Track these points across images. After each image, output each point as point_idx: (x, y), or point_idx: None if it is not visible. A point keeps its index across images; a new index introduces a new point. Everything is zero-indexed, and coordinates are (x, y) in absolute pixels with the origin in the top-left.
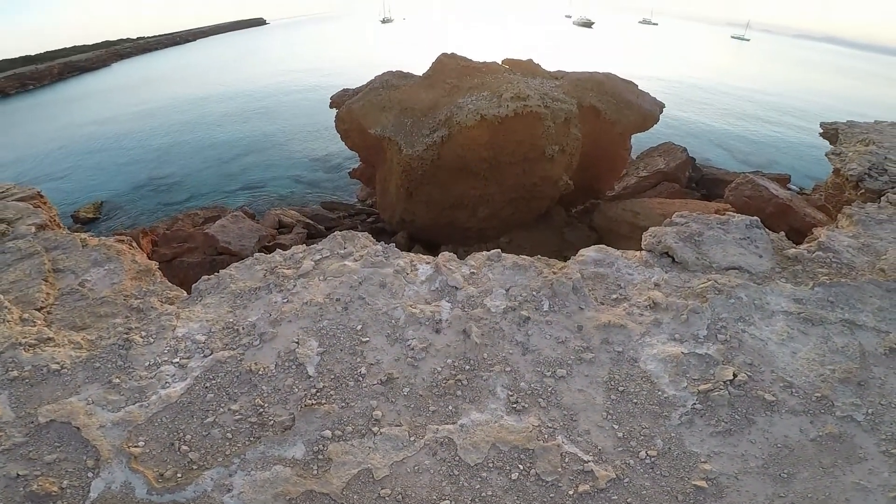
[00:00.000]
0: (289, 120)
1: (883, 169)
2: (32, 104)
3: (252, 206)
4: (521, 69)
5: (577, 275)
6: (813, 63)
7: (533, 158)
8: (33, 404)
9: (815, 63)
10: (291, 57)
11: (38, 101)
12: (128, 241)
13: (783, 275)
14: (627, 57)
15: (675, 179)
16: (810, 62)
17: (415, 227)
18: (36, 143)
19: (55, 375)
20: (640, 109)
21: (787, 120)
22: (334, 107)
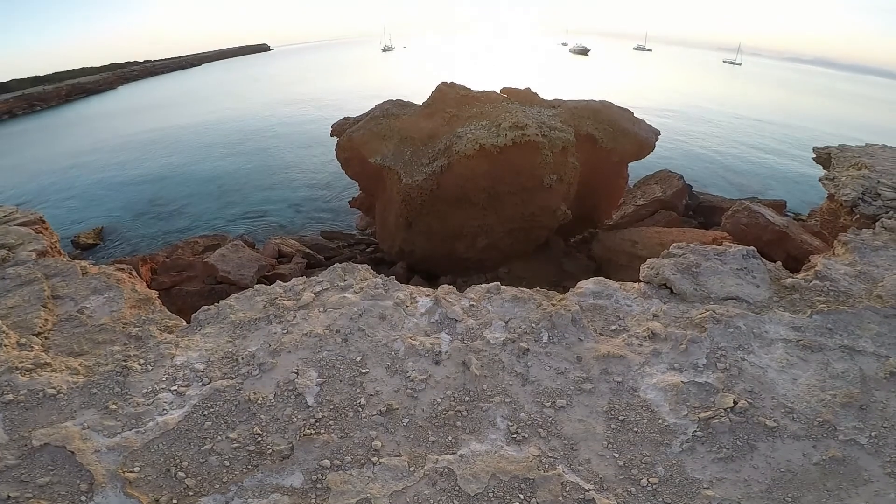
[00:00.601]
0: (290, 147)
1: (876, 193)
2: (39, 126)
3: (252, 234)
4: (519, 98)
5: (575, 307)
6: (805, 86)
7: (531, 188)
8: (27, 428)
9: (806, 86)
10: (294, 84)
11: (44, 123)
12: (128, 269)
13: (781, 304)
14: (623, 84)
15: (673, 207)
16: (802, 85)
17: (414, 257)
18: (40, 166)
19: (51, 400)
20: (637, 137)
21: (780, 144)
22: (335, 135)
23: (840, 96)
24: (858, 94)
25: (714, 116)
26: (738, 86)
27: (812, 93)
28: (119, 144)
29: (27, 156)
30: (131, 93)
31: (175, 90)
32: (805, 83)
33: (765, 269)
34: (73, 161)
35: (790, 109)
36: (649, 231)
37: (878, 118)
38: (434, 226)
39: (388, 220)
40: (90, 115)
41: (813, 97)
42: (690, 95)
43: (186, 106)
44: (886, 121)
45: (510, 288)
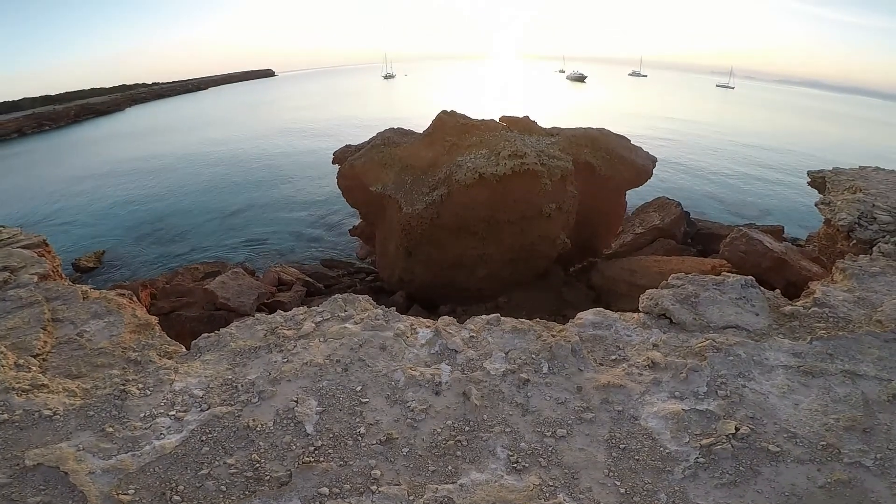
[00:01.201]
0: (292, 174)
1: (872, 217)
2: (47, 145)
3: (252, 261)
4: (518, 126)
5: (575, 337)
6: (796, 108)
7: (530, 217)
8: (21, 447)
9: (798, 108)
10: (298, 110)
11: (52, 143)
12: (128, 294)
13: (780, 331)
14: (620, 110)
15: (671, 235)
16: (794, 108)
17: (413, 286)
18: (46, 186)
19: (46, 421)
20: (634, 164)
21: (776, 168)
22: (337, 163)
23: (831, 118)
24: (849, 115)
25: (710, 141)
26: (732, 110)
27: (804, 115)
28: (124, 167)
29: (34, 175)
30: (139, 115)
31: (181, 113)
32: (797, 105)
33: (763, 297)
34: (78, 183)
35: (784, 132)
36: (648, 260)
37: (869, 139)
38: (434, 255)
39: (388, 248)
40: (98, 136)
41: (805, 119)
42: (686, 121)
43: (191, 130)
44: (876, 142)
45: (510, 319)
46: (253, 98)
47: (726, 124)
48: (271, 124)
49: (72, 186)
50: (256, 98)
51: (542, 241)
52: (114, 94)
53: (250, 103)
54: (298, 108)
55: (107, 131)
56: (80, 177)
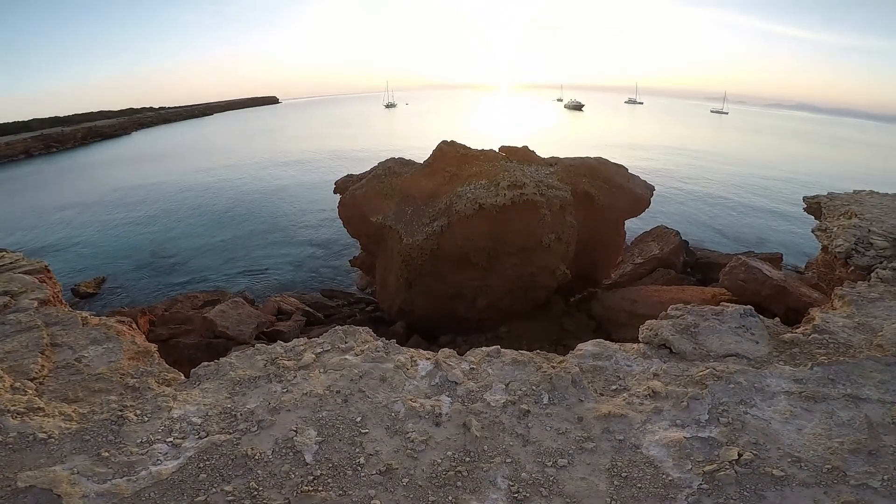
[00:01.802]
0: (294, 203)
1: (869, 243)
2: (53, 168)
3: (252, 290)
4: (517, 156)
5: (575, 368)
6: (789, 133)
7: (530, 248)
8: (14, 469)
9: (791, 133)
10: (300, 137)
11: (59, 166)
12: (128, 322)
13: (781, 358)
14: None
15: (671, 265)
16: (787, 132)
17: (414, 316)
18: (49, 211)
19: (41, 444)
20: (632, 193)
21: (772, 194)
22: (338, 192)
23: (823, 141)
24: (839, 138)
25: (706, 168)
26: (727, 136)
27: (797, 139)
28: (126, 193)
29: (38, 199)
30: (144, 139)
31: (185, 139)
32: (789, 129)
33: (763, 325)
34: (81, 207)
35: (778, 157)
36: (648, 290)
37: (861, 161)
38: (434, 286)
39: (388, 279)
40: (103, 159)
41: (798, 143)
42: (683, 148)
43: (195, 157)
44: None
45: (510, 351)
46: (256, 125)
47: (722, 151)
48: (274, 152)
49: (75, 211)
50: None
51: (541, 272)
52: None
53: (254, 131)
54: (301, 136)
55: (112, 155)
56: (84, 202)
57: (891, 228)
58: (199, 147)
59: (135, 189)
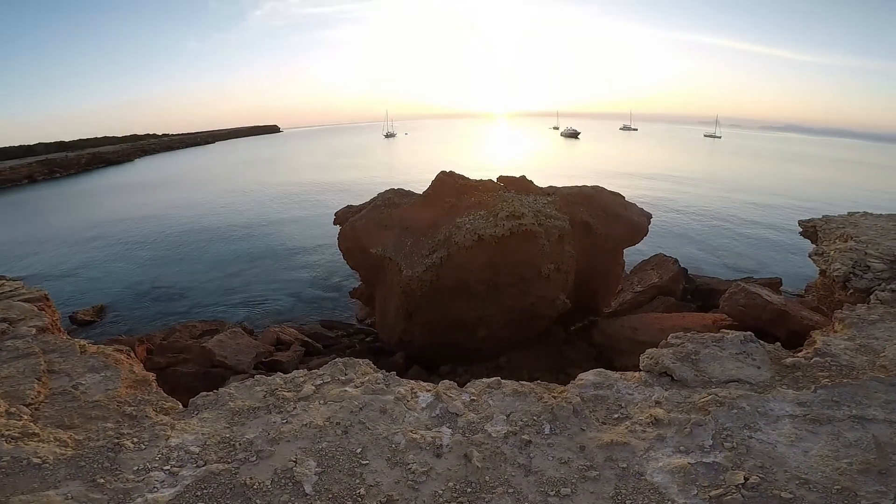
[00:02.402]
0: (294, 234)
1: (866, 266)
2: (56, 193)
3: (251, 320)
4: (515, 186)
5: (576, 398)
6: (781, 155)
7: (529, 278)
8: (6, 493)
9: (783, 155)
10: (300, 167)
11: (61, 192)
12: (126, 350)
13: (784, 382)
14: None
15: (670, 292)
16: (779, 154)
17: (413, 347)
18: (51, 237)
19: (35, 469)
20: (630, 222)
21: (768, 218)
22: (338, 223)
23: (815, 162)
24: (831, 159)
25: (702, 194)
26: (722, 161)
27: (790, 162)
28: (127, 221)
29: (40, 225)
30: (147, 166)
31: (187, 167)
32: (782, 152)
33: (764, 350)
34: (82, 234)
35: (772, 181)
36: (649, 317)
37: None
38: (434, 317)
39: (388, 310)
40: (106, 186)
41: (791, 166)
42: (678, 174)
43: (196, 185)
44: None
45: (510, 382)
46: (258, 154)
47: (717, 176)
48: (275, 182)
49: (75, 238)
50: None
51: (541, 302)
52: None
53: (255, 160)
54: (302, 165)
55: (114, 182)
56: (84, 229)
57: (887, 250)
58: (201, 175)
59: (135, 217)
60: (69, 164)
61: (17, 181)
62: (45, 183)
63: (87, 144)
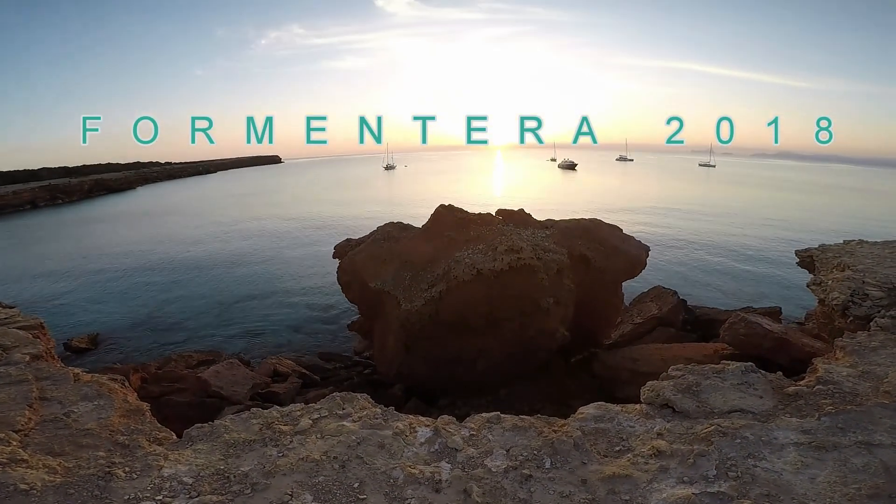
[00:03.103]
0: (293, 266)
1: (864, 294)
2: (57, 221)
3: (248, 351)
4: (514, 219)
5: (577, 432)
6: (775, 183)
7: (529, 312)
8: None
9: (776, 182)
10: (301, 198)
11: (62, 218)
12: (120, 380)
13: (787, 410)
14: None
15: (670, 323)
16: (772, 182)
17: (412, 380)
18: (48, 264)
19: (22, 495)
20: (628, 255)
21: (765, 246)
22: (337, 257)
23: (809, 190)
24: (824, 185)
25: (699, 225)
26: (717, 190)
27: (784, 189)
28: (127, 249)
29: (39, 252)
30: (149, 195)
31: (189, 197)
32: (775, 179)
33: (766, 380)
34: (81, 261)
35: (767, 210)
36: (650, 348)
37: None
38: (433, 350)
39: (386, 343)
40: (107, 215)
41: (786, 194)
42: (675, 204)
43: (197, 215)
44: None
45: (510, 416)
46: (259, 184)
47: (713, 206)
48: (275, 214)
49: (74, 265)
50: (263, 185)
51: (541, 335)
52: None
53: (256, 190)
54: (302, 197)
55: (116, 210)
56: (84, 256)
57: (884, 278)
58: (202, 206)
59: (135, 246)
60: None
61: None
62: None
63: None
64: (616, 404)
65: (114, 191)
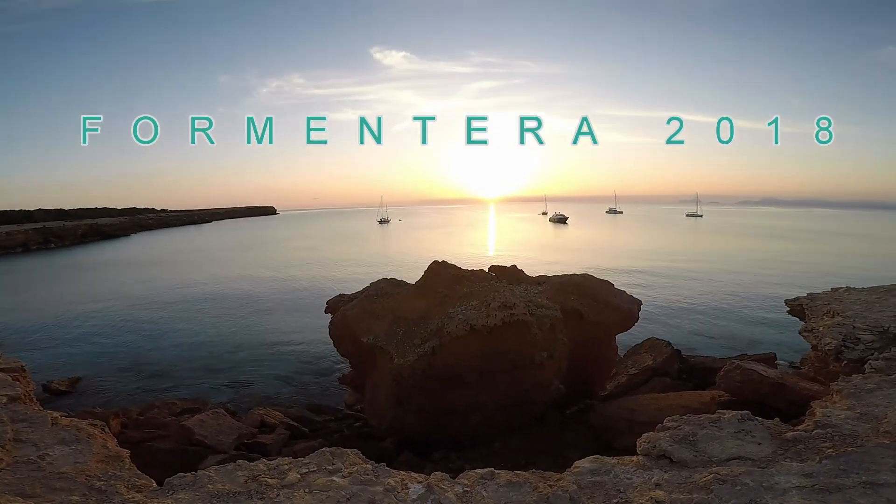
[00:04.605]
0: (284, 319)
1: (856, 338)
2: (48, 266)
3: (235, 402)
4: (506, 276)
5: (573, 486)
6: (762, 230)
7: (522, 366)
8: None
9: (763, 230)
10: (295, 251)
11: (54, 264)
12: (100, 425)
13: (786, 455)
14: (601, 250)
15: (665, 373)
16: (759, 230)
17: (404, 433)
18: (35, 307)
19: None
20: (620, 309)
21: (756, 294)
22: (329, 312)
23: (794, 236)
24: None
25: (690, 275)
26: (705, 240)
27: (770, 237)
28: (117, 296)
29: (26, 295)
30: (143, 242)
31: (183, 246)
32: (762, 227)
33: (763, 427)
34: (68, 306)
35: (756, 258)
36: (646, 398)
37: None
38: (426, 404)
39: (378, 397)
40: (100, 261)
41: (772, 241)
42: (665, 256)
43: (190, 265)
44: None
45: (504, 472)
46: (254, 235)
47: (702, 256)
48: (268, 265)
49: (60, 309)
50: (257, 236)
51: (535, 388)
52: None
53: (251, 241)
54: (296, 249)
55: (109, 257)
56: (71, 301)
57: (874, 322)
58: (196, 255)
59: (124, 293)
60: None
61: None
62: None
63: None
64: (612, 456)
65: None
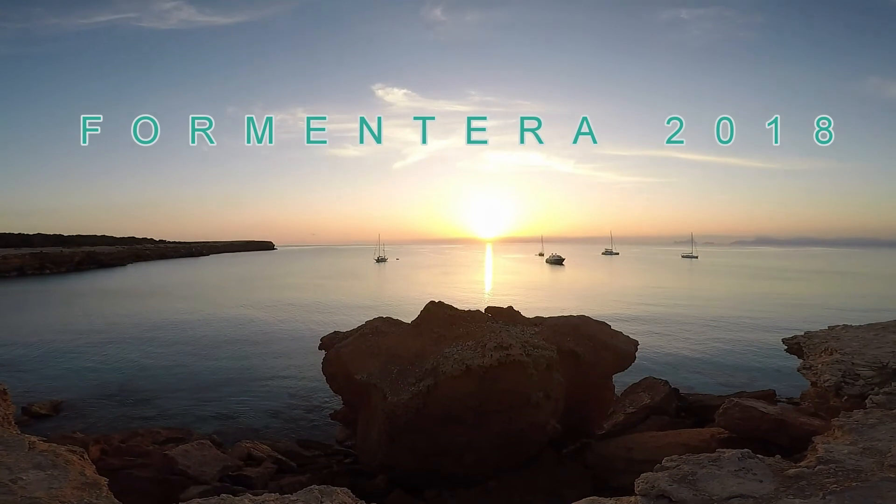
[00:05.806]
0: (277, 353)
1: (856, 374)
2: (42, 291)
3: (221, 433)
4: (503, 317)
5: None
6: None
7: (518, 406)
8: None
9: (758, 271)
10: (291, 286)
11: (48, 289)
12: (79, 452)
13: (789, 492)
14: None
15: (663, 411)
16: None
17: (397, 472)
18: (24, 331)
19: None
20: (617, 350)
21: (753, 333)
22: (323, 349)
23: (788, 276)
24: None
25: (686, 316)
26: (701, 281)
27: (765, 278)
28: (108, 324)
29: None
30: (139, 273)
31: (179, 279)
32: (757, 268)
33: (764, 464)
34: (56, 332)
35: (752, 299)
36: (644, 436)
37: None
38: (419, 442)
39: (370, 434)
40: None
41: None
42: (660, 297)
43: (185, 298)
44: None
45: None
46: (251, 270)
47: (699, 297)
48: (263, 299)
49: (48, 335)
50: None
51: (531, 428)
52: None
53: (248, 276)
54: (292, 285)
55: (103, 286)
56: (60, 327)
57: (873, 359)
58: (191, 289)
59: (115, 322)
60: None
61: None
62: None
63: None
64: (609, 497)
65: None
